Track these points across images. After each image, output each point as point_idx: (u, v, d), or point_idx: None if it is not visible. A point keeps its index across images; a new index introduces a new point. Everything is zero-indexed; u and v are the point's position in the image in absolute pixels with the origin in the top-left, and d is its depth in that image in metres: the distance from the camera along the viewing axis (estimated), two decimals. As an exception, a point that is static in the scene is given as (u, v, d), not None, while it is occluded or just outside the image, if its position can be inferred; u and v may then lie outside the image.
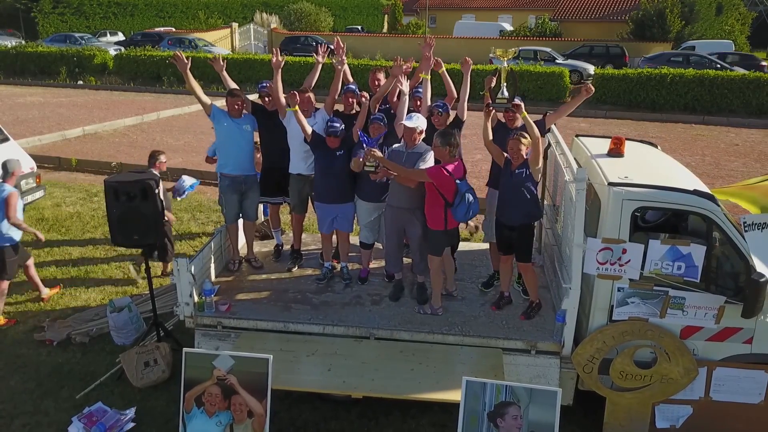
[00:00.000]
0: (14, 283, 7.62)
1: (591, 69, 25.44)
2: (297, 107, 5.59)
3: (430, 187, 5.17)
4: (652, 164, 5.48)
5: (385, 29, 52.81)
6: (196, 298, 5.33)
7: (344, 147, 5.68)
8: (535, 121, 5.48)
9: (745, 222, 4.67)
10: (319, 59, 6.07)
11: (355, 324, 5.22)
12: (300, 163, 5.92)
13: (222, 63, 6.06)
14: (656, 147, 6.16)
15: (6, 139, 9.38)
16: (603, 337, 4.86)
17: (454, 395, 4.39)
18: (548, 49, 27.41)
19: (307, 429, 5.16)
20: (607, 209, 4.71)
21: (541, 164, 5.30)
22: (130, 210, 5.36)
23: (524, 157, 5.13)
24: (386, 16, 54.05)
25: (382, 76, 6.13)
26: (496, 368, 4.76)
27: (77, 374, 5.90)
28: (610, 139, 5.62)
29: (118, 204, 5.36)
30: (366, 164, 5.39)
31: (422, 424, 5.20)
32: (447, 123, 5.64)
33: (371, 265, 6.16)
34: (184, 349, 4.69)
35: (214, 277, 5.93)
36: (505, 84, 5.63)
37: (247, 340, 5.14)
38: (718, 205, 4.68)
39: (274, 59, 5.83)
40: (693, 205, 4.66)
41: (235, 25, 43.56)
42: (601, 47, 30.77)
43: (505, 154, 5.29)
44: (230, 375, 4.56)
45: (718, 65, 23.45)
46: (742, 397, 4.88)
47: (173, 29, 46.43)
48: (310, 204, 6.28)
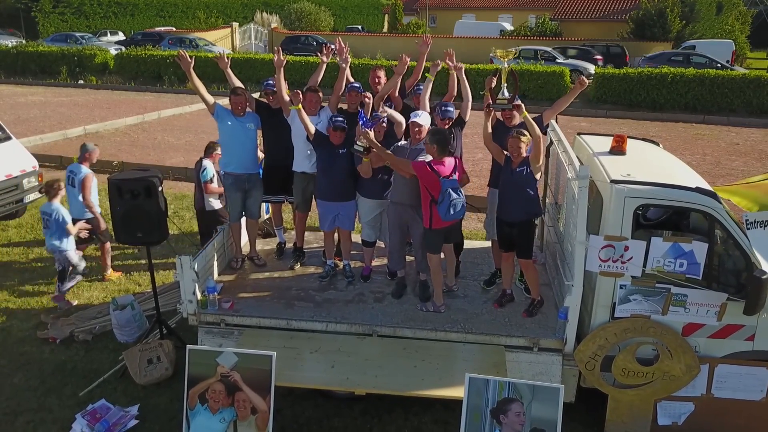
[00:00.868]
0: (17, 280, 7.66)
1: (592, 68, 25.43)
2: (300, 105, 5.60)
3: (421, 183, 5.19)
4: (654, 162, 5.49)
5: (385, 29, 52.83)
6: (199, 296, 5.35)
7: (346, 145, 5.69)
8: (532, 118, 5.52)
9: (747, 219, 4.68)
10: (324, 59, 6.09)
11: (358, 321, 5.24)
12: (304, 161, 5.94)
13: (227, 61, 6.07)
14: (658, 145, 6.17)
15: (8, 138, 9.40)
16: (605, 335, 4.88)
17: (457, 392, 4.41)
18: (549, 49, 27.41)
19: (310, 426, 5.18)
20: (610, 207, 4.72)
21: (542, 162, 5.32)
22: (134, 208, 5.38)
23: (524, 155, 5.15)
24: (386, 15, 54.07)
25: (382, 74, 6.16)
26: (499, 365, 4.78)
27: (80, 372, 5.92)
28: (611, 138, 5.64)
29: (122, 202, 5.38)
30: (356, 144, 5.42)
31: (425, 422, 5.22)
32: (449, 125, 5.68)
33: (373, 263, 6.18)
34: (188, 346, 4.71)
35: (217, 275, 5.94)
36: (505, 84, 5.63)
37: (251, 338, 5.16)
38: (720, 203, 4.69)
39: (276, 58, 5.84)
40: (695, 203, 4.68)
41: (235, 24, 43.58)
42: (601, 46, 30.81)
43: (505, 153, 5.31)
44: (234, 372, 4.58)
45: (719, 65, 23.46)
46: (744, 394, 4.89)
47: (173, 29, 46.42)
48: (312, 202, 6.30)
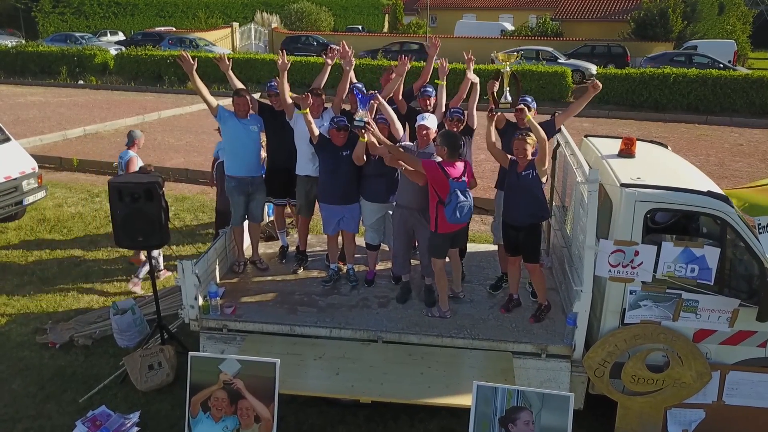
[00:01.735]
0: (15, 284, 7.57)
1: (593, 68, 25.36)
2: (308, 110, 5.51)
3: (429, 184, 5.10)
4: (664, 165, 5.41)
5: (385, 29, 52.77)
6: (200, 301, 5.26)
7: (349, 147, 5.60)
8: (544, 121, 5.42)
9: (760, 224, 4.61)
10: (329, 61, 6.00)
11: (363, 327, 5.15)
12: (307, 164, 5.85)
13: (228, 62, 5.98)
14: (666, 147, 6.09)
15: (7, 139, 9.31)
16: (615, 341, 4.79)
17: (465, 400, 4.32)
18: (550, 49, 27.32)
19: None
20: (620, 211, 4.64)
21: (548, 165, 5.23)
22: (135, 211, 5.29)
23: (530, 157, 5.06)
24: (387, 15, 54.01)
25: (394, 76, 6.08)
26: (507, 372, 4.69)
27: (80, 377, 5.83)
28: (620, 140, 5.55)
29: (123, 205, 5.29)
30: (356, 119, 5.38)
31: (431, 429, 5.13)
32: (460, 129, 5.57)
33: (378, 267, 6.09)
34: (190, 353, 4.62)
35: (219, 279, 5.85)
36: (507, 88, 5.54)
37: (253, 344, 5.07)
38: (732, 207, 4.60)
39: (280, 61, 5.75)
40: (707, 207, 4.59)
41: (235, 24, 43.50)
42: (602, 46, 30.74)
43: (510, 156, 5.23)
44: (237, 379, 4.49)
45: (721, 65, 23.38)
46: (756, 402, 4.80)
47: (173, 29, 46.35)
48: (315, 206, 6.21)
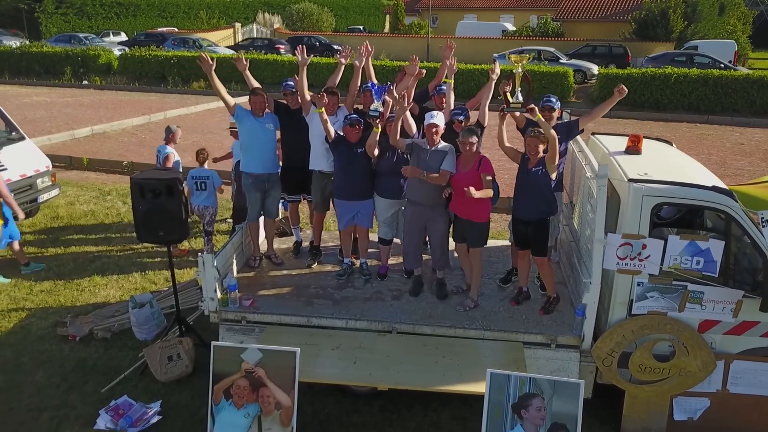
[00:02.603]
0: (33, 279, 7.72)
1: (595, 69, 25.51)
2: (323, 109, 5.68)
3: (479, 183, 5.25)
4: (670, 161, 5.57)
5: (386, 29, 52.91)
6: (219, 295, 5.42)
7: (363, 144, 5.76)
8: (569, 121, 5.58)
9: (763, 218, 4.76)
10: (342, 60, 6.16)
11: (378, 319, 5.31)
12: (321, 159, 6.01)
13: (245, 63, 6.13)
14: (672, 145, 6.25)
15: (22, 138, 9.48)
16: (622, 331, 4.95)
17: (479, 387, 4.48)
18: (551, 49, 27.49)
19: (331, 422, 5.25)
20: (627, 205, 4.80)
21: (557, 162, 5.38)
22: (156, 207, 5.45)
23: (541, 155, 5.22)
24: (388, 16, 54.16)
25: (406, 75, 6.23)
26: (518, 361, 4.85)
27: (101, 369, 5.99)
28: (626, 137, 5.71)
29: (144, 201, 5.45)
30: (371, 110, 5.71)
31: (443, 417, 5.29)
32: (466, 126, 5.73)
33: (390, 262, 6.25)
34: (213, 343, 4.78)
35: (235, 273, 6.01)
36: (519, 88, 5.69)
37: (272, 335, 5.23)
38: (737, 201, 4.76)
39: (300, 58, 5.91)
40: (712, 201, 4.75)
41: (238, 25, 43.66)
42: (603, 47, 30.91)
43: (521, 153, 5.39)
44: (258, 368, 4.64)
45: (722, 65, 23.54)
46: (760, 390, 4.96)
47: (176, 29, 46.49)
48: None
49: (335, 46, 35.23)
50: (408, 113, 5.72)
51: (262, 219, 6.47)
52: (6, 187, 7.47)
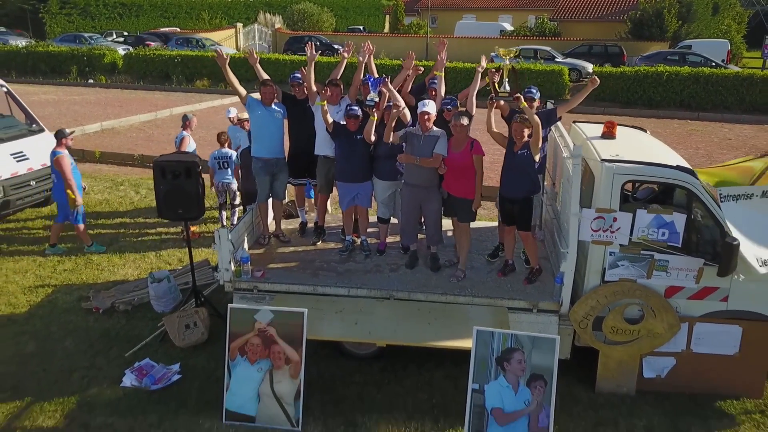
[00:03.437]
0: (56, 260, 8.29)
1: (590, 67, 26.07)
2: (325, 101, 6.25)
3: (470, 163, 5.84)
4: (641, 145, 6.13)
5: (386, 29, 53.40)
6: (233, 267, 5.98)
7: (362, 132, 6.31)
8: (548, 110, 6.16)
9: (722, 194, 5.33)
10: (345, 55, 6.73)
11: (377, 287, 5.88)
12: (325, 145, 6.56)
13: (256, 57, 6.70)
14: (645, 132, 6.81)
15: (41, 130, 10.03)
16: (597, 297, 5.51)
17: (467, 343, 5.04)
18: (548, 48, 28.04)
19: (335, 381, 5.81)
20: (600, 183, 5.36)
21: (540, 145, 5.94)
22: (176, 187, 6.01)
23: (526, 139, 5.78)
24: (387, 16, 54.69)
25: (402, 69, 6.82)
26: (503, 323, 5.41)
27: (124, 337, 6.55)
28: (606, 124, 6.27)
29: (165, 181, 6.01)
30: (367, 100, 6.23)
31: (436, 376, 5.86)
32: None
33: (388, 240, 6.81)
34: (229, 306, 5.34)
35: (247, 249, 6.57)
36: (507, 79, 6.31)
37: (281, 302, 5.78)
38: (698, 179, 5.33)
39: (309, 53, 6.50)
40: (675, 179, 5.31)
41: (239, 25, 44.18)
42: (599, 46, 31.47)
43: (507, 137, 5.95)
44: (269, 327, 5.21)
45: (713, 63, 24.09)
46: (720, 350, 5.53)
47: (178, 29, 47.02)
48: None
49: (335, 46, 35.86)
50: (402, 102, 6.30)
51: (271, 201, 7.03)
52: (71, 171, 8.05)
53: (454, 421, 5.21)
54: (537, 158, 5.87)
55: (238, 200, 8.97)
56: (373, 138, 6.21)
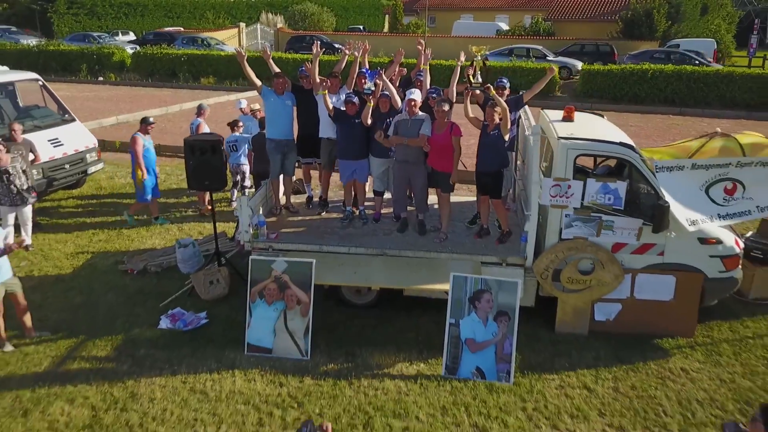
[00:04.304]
0: (92, 232, 9.42)
1: (579, 65, 27.15)
2: (326, 91, 7.38)
3: (450, 143, 6.93)
4: (594, 126, 7.25)
5: (386, 29, 54.44)
6: (251, 231, 7.09)
7: (359, 116, 7.41)
8: (515, 96, 7.32)
9: (657, 165, 6.44)
10: (347, 52, 7.87)
11: (372, 246, 6.99)
12: (328, 129, 7.68)
13: (269, 53, 7.83)
14: (602, 117, 7.93)
15: (73, 120, 11.17)
16: (555, 252, 6.62)
17: (445, 286, 6.17)
18: (540, 47, 29.16)
19: (337, 324, 6.92)
20: (557, 156, 6.48)
21: (509, 126, 7.03)
22: (203, 162, 7.14)
23: (497, 121, 6.89)
24: (387, 16, 55.80)
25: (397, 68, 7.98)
26: (476, 272, 6.53)
27: (156, 293, 7.67)
28: (566, 109, 7.39)
29: (194, 158, 7.13)
30: (364, 89, 7.38)
31: (423, 321, 6.98)
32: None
33: (382, 211, 7.93)
34: (251, 257, 6.48)
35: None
36: (479, 72, 7.49)
37: (293, 258, 6.91)
38: (637, 153, 6.45)
39: (315, 50, 7.65)
40: (618, 153, 6.44)
41: (242, 25, 45.28)
42: (591, 45, 32.62)
43: (482, 121, 7.06)
44: (284, 274, 6.33)
45: (697, 61, 25.21)
46: (658, 296, 6.64)
47: (182, 29, 48.06)
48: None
49: (336, 45, 37.05)
50: (395, 93, 7.43)
51: (282, 177, 8.15)
52: (142, 151, 9.33)
53: (436, 353, 6.32)
54: (507, 137, 6.98)
55: (248, 182, 10.09)
56: (369, 121, 7.32)
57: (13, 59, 31.04)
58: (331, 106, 7.44)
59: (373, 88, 7.28)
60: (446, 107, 6.98)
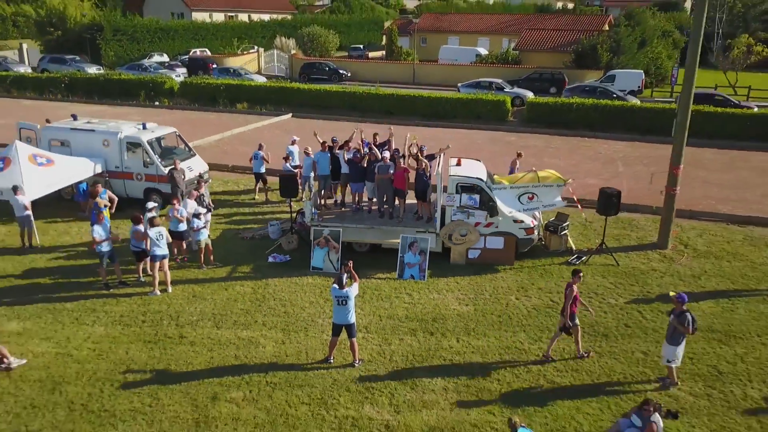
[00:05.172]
0: (222, 222, 17.53)
1: (530, 94, 35.08)
2: (345, 151, 15.51)
3: (404, 175, 14.98)
4: (471, 168, 15.26)
5: (383, 42, 62.24)
6: (309, 217, 15.11)
7: (362, 162, 15.43)
8: (432, 154, 15.47)
9: (494, 187, 14.53)
10: (355, 130, 15.99)
11: (367, 224, 15.04)
12: (345, 168, 15.73)
13: (315, 133, 15.90)
14: (479, 161, 15.98)
15: (194, 154, 19.18)
16: (449, 227, 14.65)
17: (398, 241, 14.27)
18: (500, 80, 37.13)
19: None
20: (448, 183, 14.53)
21: (429, 169, 15.02)
22: (289, 178, 15.21)
23: (423, 167, 14.91)
24: (384, 36, 63.82)
25: (378, 138, 16.12)
26: (413, 235, 14.61)
27: (261, 250, 15.68)
28: (457, 159, 15.43)
29: (284, 180, 15.21)
30: (364, 150, 15.51)
31: (392, 260, 15.00)
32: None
33: (373, 208, 15.96)
34: (312, 228, 14.58)
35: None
36: (415, 143, 15.62)
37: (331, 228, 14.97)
38: (485, 182, 14.49)
39: (355, 134, 15.73)
40: (476, 182, 14.47)
41: (261, 50, 53.04)
42: (548, 74, 40.63)
43: (416, 167, 15.10)
44: (328, 236, 14.41)
45: (615, 95, 33.16)
46: (496, 246, 14.70)
47: (207, 51, 55.82)
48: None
49: (341, 71, 44.91)
50: (376, 150, 15.51)
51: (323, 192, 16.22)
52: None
53: (393, 269, 14.34)
54: (429, 173, 15.03)
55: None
56: (365, 164, 15.32)
57: (83, 86, 38.90)
58: (347, 158, 15.52)
59: (366, 150, 15.33)
60: (401, 163, 15.03)
